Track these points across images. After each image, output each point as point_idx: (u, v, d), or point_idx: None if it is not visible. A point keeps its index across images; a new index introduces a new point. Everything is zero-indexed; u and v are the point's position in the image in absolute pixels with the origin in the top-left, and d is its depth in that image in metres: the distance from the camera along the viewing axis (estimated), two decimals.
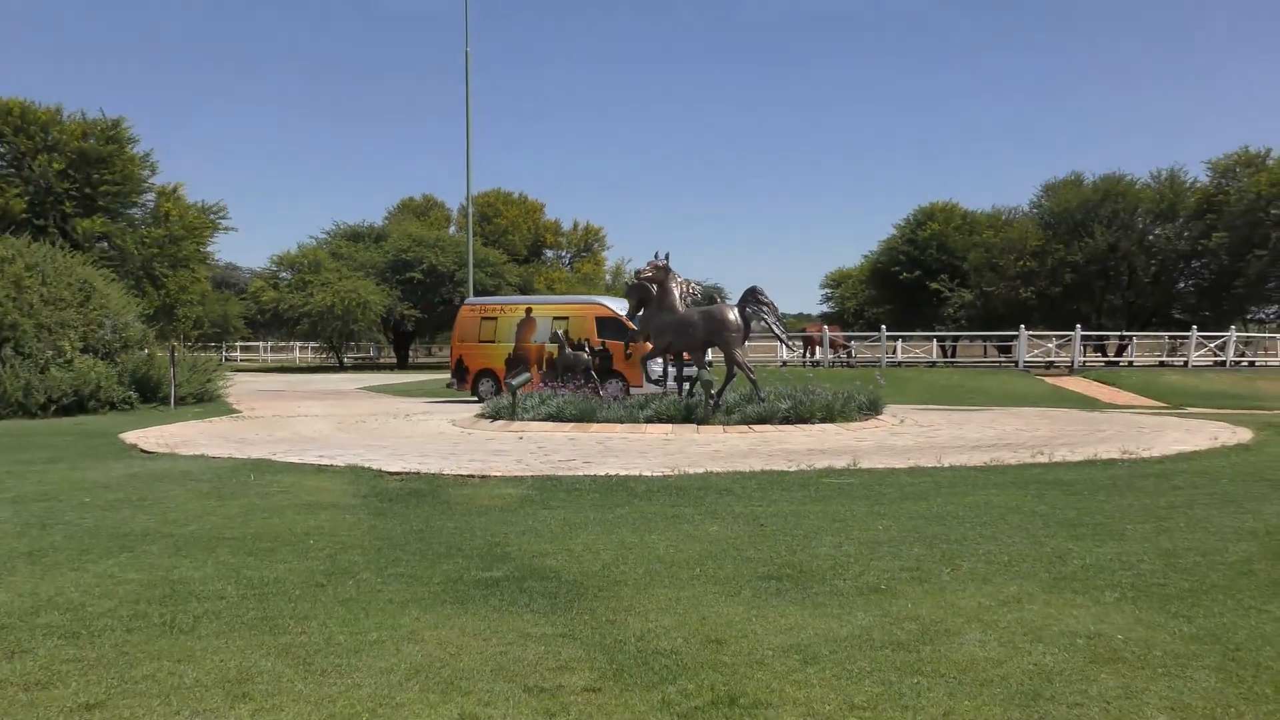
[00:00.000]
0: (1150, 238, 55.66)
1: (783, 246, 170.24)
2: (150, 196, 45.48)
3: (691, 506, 10.81)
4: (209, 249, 48.38)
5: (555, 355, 27.77)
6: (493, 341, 31.13)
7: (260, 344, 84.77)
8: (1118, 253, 54.13)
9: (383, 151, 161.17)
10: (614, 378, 28.70)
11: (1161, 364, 43.33)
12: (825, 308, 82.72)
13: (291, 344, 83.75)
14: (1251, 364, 43.37)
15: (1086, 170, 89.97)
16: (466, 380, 31.19)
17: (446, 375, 36.57)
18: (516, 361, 30.37)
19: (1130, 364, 43.79)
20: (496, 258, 68.91)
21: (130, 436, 18.89)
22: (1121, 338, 49.22)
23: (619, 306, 29.97)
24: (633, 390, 27.85)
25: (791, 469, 13.65)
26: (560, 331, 27.95)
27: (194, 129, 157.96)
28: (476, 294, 50.41)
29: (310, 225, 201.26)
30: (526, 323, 30.65)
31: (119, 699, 5.32)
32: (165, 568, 8.09)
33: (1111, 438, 18.25)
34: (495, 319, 31.34)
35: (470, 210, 47.83)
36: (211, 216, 47.03)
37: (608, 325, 29.38)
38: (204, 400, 29.79)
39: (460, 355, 31.63)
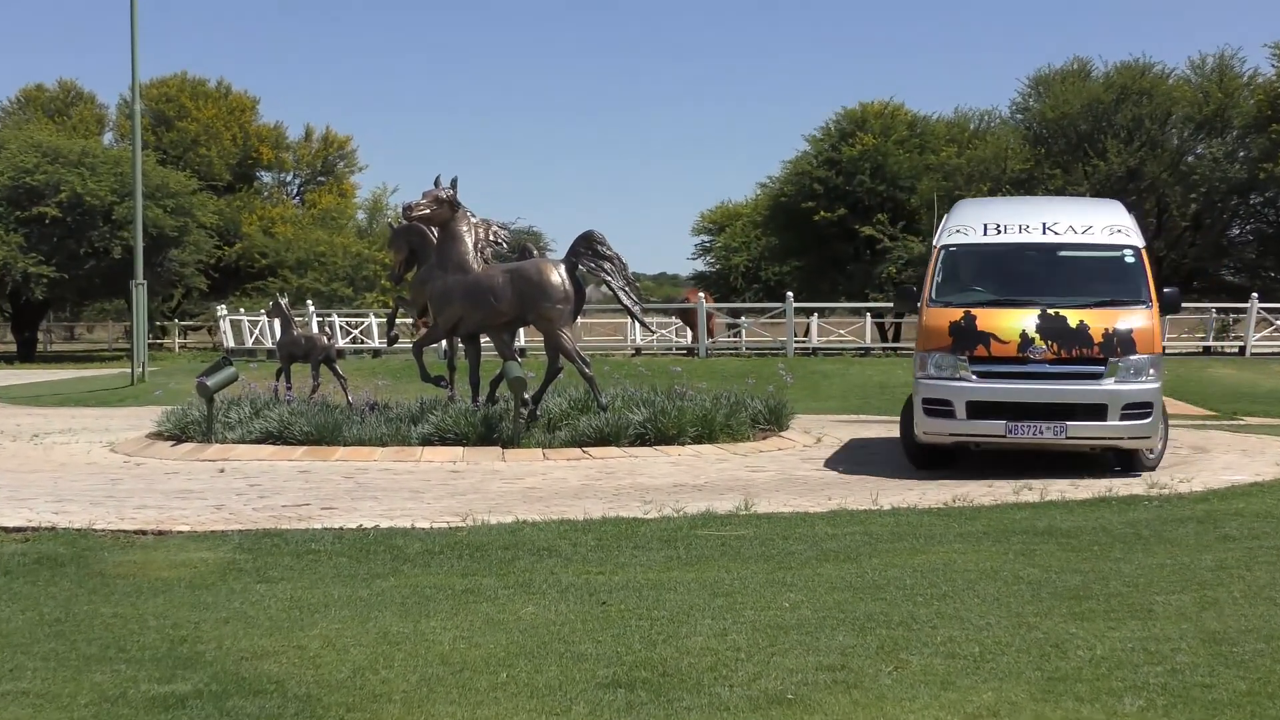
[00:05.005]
0: (1189, 159, 57.54)
1: (636, 172, 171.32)
2: None
3: (494, 576, 10.82)
4: None
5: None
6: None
7: None
8: (1141, 182, 55.89)
9: None
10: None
11: (1206, 350, 44.88)
12: (701, 265, 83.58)
13: None
14: None
15: (1095, 56, 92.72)
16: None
17: (101, 370, 35.39)
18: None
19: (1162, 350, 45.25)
20: (181, 183, 67.53)
21: None
22: None
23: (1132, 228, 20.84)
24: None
25: (649, 515, 13.75)
26: (282, 301, 25.96)
27: None
28: (148, 240, 48.94)
29: None
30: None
31: None
32: None
33: None
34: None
35: (138, 106, 46.75)
36: None
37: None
38: None
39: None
